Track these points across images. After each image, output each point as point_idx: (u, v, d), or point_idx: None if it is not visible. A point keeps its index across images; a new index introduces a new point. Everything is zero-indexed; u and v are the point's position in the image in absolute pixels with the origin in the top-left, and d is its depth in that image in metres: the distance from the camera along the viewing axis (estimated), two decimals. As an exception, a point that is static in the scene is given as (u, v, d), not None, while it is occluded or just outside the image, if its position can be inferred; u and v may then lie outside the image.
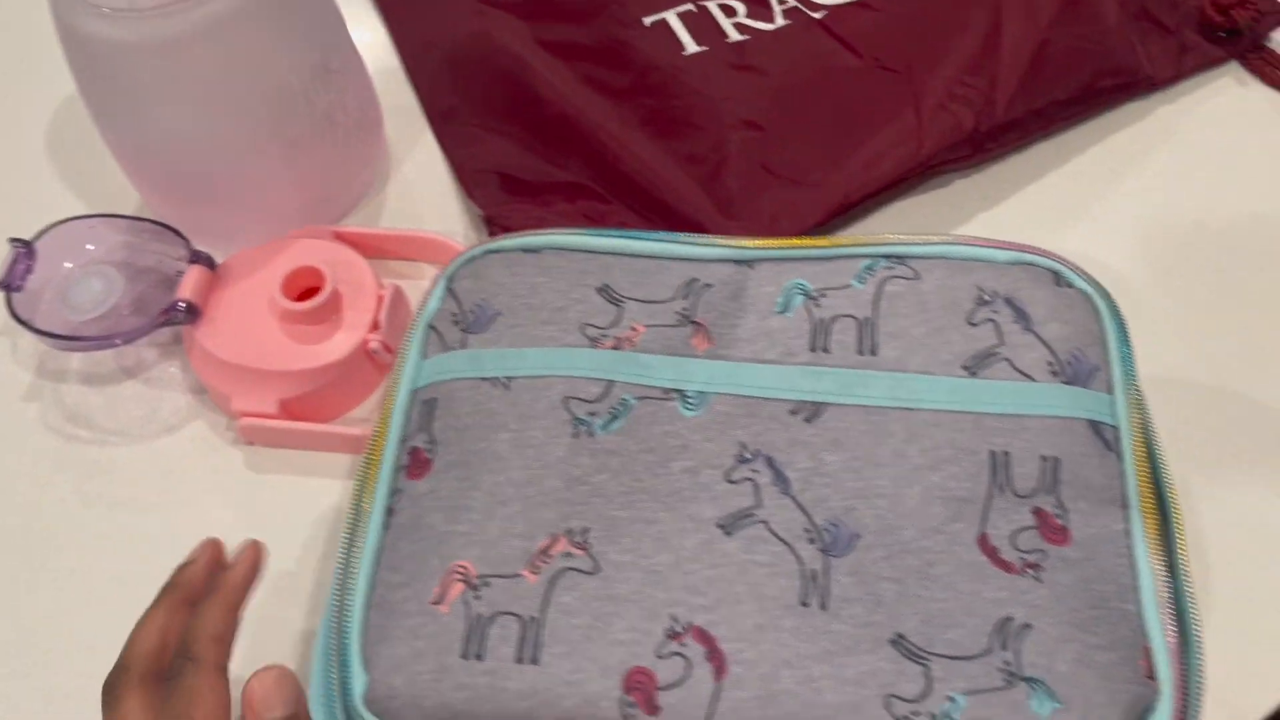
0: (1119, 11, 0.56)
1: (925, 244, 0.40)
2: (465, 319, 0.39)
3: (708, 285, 0.40)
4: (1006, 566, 0.33)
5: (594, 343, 0.38)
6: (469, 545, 0.34)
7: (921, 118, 0.51)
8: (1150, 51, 0.57)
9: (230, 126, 0.47)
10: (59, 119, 0.61)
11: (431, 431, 0.37)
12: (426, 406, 0.38)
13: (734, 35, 0.57)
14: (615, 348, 0.38)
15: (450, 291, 0.41)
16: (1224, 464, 0.46)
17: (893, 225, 0.53)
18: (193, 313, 0.47)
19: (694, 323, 0.39)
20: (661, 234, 0.41)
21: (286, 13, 0.46)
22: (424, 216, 0.55)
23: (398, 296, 0.48)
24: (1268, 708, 0.41)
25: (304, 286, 0.47)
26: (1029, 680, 0.31)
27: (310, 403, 0.46)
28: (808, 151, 0.51)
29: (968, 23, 0.55)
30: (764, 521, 0.34)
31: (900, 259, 0.39)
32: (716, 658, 0.32)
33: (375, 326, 0.46)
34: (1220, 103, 0.58)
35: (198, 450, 0.49)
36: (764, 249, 0.40)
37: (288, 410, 0.46)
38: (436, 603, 0.34)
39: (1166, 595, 0.33)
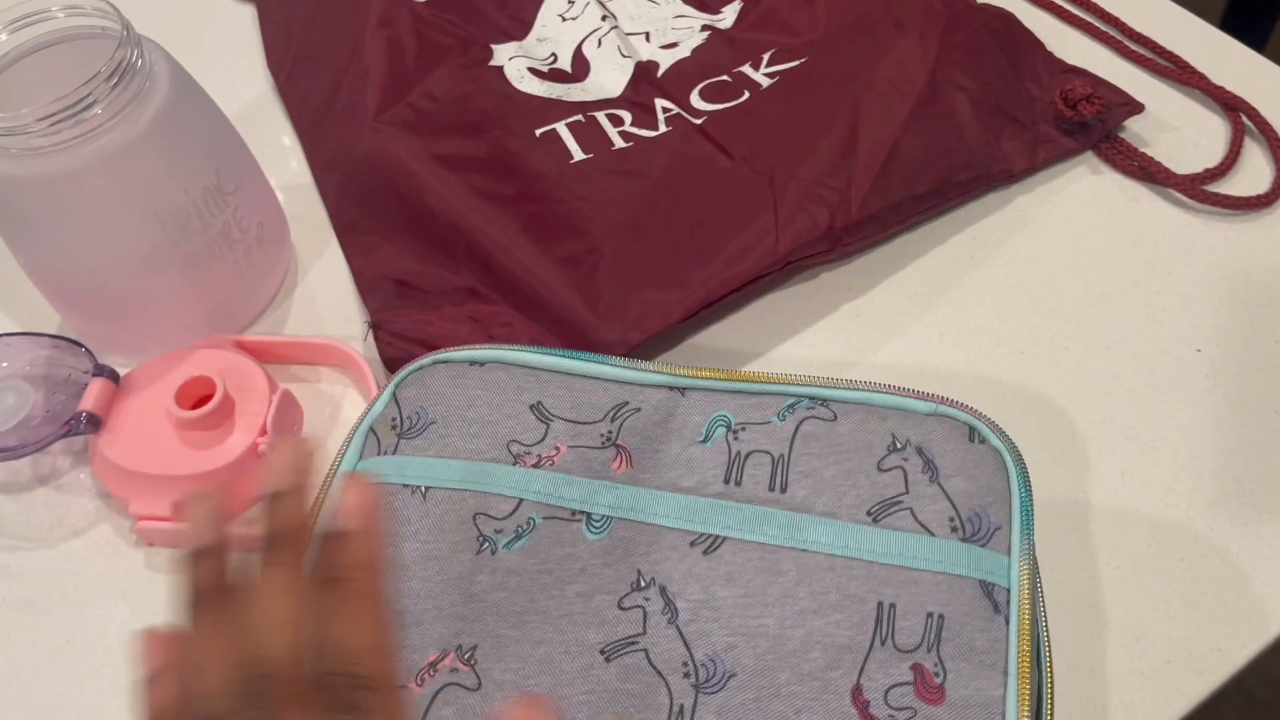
0: (973, 110, 0.61)
1: (849, 389, 0.41)
2: (402, 425, 0.41)
3: (637, 409, 0.41)
4: None
5: (516, 459, 0.40)
6: None
7: (779, 218, 0.55)
8: (1005, 146, 0.61)
9: (127, 249, 0.50)
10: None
11: None
12: None
13: (619, 143, 0.62)
14: (535, 465, 0.40)
15: (395, 398, 0.43)
16: (1065, 534, 0.49)
17: (760, 319, 0.56)
18: (94, 423, 0.50)
19: (617, 446, 0.40)
20: (602, 357, 0.43)
21: (178, 141, 0.49)
22: (327, 322, 0.58)
23: (285, 400, 0.51)
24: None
25: (199, 394, 0.50)
26: None
27: (204, 504, 0.49)
28: (675, 252, 0.54)
29: (830, 126, 0.59)
30: (644, 650, 0.36)
31: (823, 401, 0.41)
32: None
33: (264, 430, 0.49)
34: (1075, 190, 0.62)
35: (101, 553, 0.51)
36: (697, 378, 0.42)
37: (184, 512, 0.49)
38: None
39: None
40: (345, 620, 0.29)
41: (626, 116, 0.63)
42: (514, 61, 0.67)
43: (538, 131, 0.62)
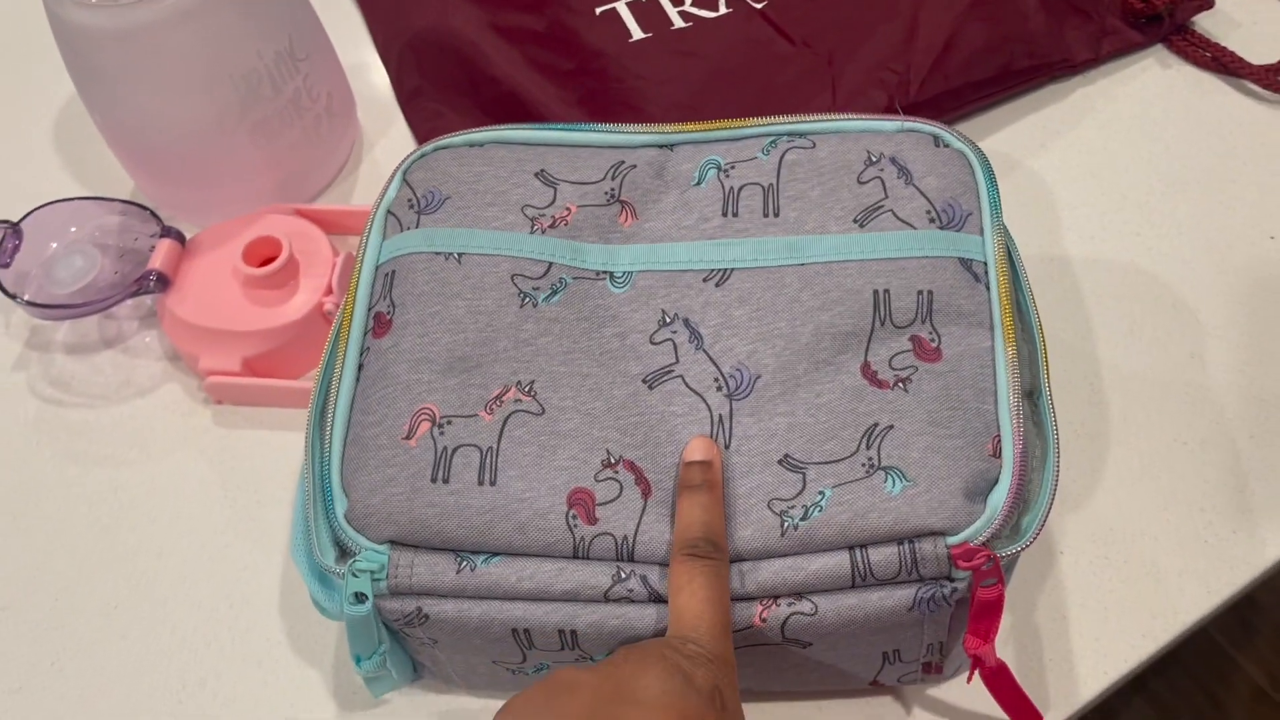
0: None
1: (822, 120, 0.45)
2: (418, 204, 0.44)
3: (633, 166, 0.45)
4: (881, 384, 0.38)
5: (533, 222, 0.43)
6: (433, 391, 0.39)
7: (837, 99, 0.55)
8: (1069, 35, 0.60)
9: (200, 109, 0.50)
10: (66, 109, 0.65)
11: (391, 298, 0.42)
12: (387, 278, 0.43)
13: (678, 23, 0.61)
14: (551, 226, 0.43)
15: (405, 182, 0.46)
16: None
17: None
18: (163, 282, 0.51)
19: (620, 201, 0.44)
20: (592, 125, 0.46)
21: (253, 1, 0.50)
22: (387, 197, 0.59)
23: (348, 262, 0.51)
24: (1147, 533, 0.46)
25: (264, 255, 0.51)
26: (885, 468, 0.36)
27: (272, 360, 0.50)
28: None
29: (892, 10, 0.59)
30: (680, 376, 0.40)
31: (800, 134, 0.45)
32: (643, 484, 0.38)
33: (329, 290, 0.50)
34: (1145, 81, 0.61)
35: (170, 411, 0.52)
36: (682, 132, 0.46)
37: (251, 368, 0.50)
38: (406, 437, 0.38)
39: (1019, 399, 0.38)
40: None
41: (688, -4, 0.63)
42: (575, -60, 0.66)
43: (598, 10, 0.62)
